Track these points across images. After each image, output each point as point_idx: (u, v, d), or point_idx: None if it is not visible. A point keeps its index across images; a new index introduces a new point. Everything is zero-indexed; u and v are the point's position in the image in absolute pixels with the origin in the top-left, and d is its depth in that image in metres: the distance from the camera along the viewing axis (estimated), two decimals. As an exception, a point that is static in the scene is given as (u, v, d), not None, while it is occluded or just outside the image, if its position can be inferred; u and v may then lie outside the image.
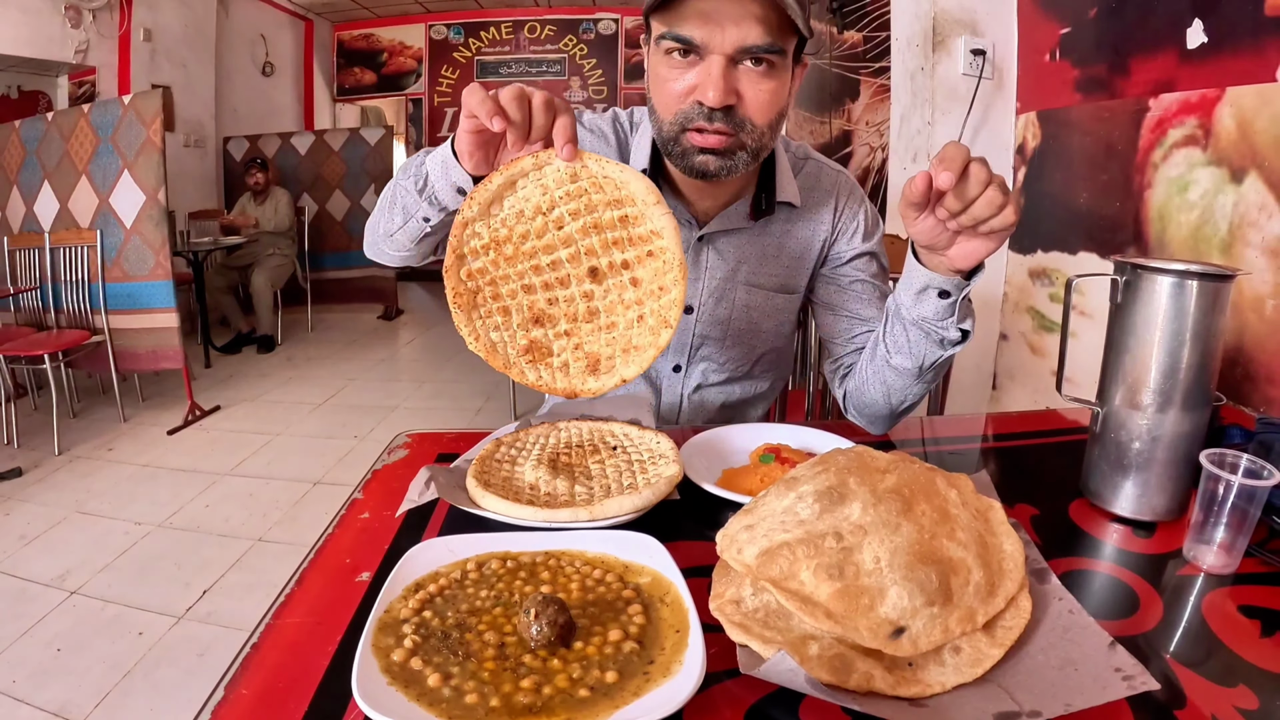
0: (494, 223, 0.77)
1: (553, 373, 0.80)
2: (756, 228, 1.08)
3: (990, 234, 0.76)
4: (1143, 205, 1.73)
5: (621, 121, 1.12)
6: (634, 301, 0.78)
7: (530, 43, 7.88)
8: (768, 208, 1.06)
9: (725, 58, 0.86)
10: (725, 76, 0.86)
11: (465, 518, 0.76)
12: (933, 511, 0.55)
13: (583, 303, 0.79)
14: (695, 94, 0.89)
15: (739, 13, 0.84)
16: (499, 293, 0.79)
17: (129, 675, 1.89)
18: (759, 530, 0.57)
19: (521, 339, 0.80)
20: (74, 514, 2.77)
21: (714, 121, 0.89)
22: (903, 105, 2.50)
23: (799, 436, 0.95)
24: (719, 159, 0.92)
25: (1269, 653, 0.58)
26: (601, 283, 0.78)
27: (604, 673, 0.53)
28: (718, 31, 0.84)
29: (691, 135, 0.91)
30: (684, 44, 0.86)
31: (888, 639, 0.48)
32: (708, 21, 0.84)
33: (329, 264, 6.22)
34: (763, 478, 0.83)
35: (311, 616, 0.63)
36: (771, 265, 1.11)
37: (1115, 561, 0.72)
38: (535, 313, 0.79)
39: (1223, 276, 0.75)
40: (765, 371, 1.20)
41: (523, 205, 0.77)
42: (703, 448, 0.92)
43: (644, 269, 0.77)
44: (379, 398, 4.24)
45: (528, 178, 0.76)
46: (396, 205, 0.95)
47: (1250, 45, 1.42)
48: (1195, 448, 0.76)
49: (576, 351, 0.80)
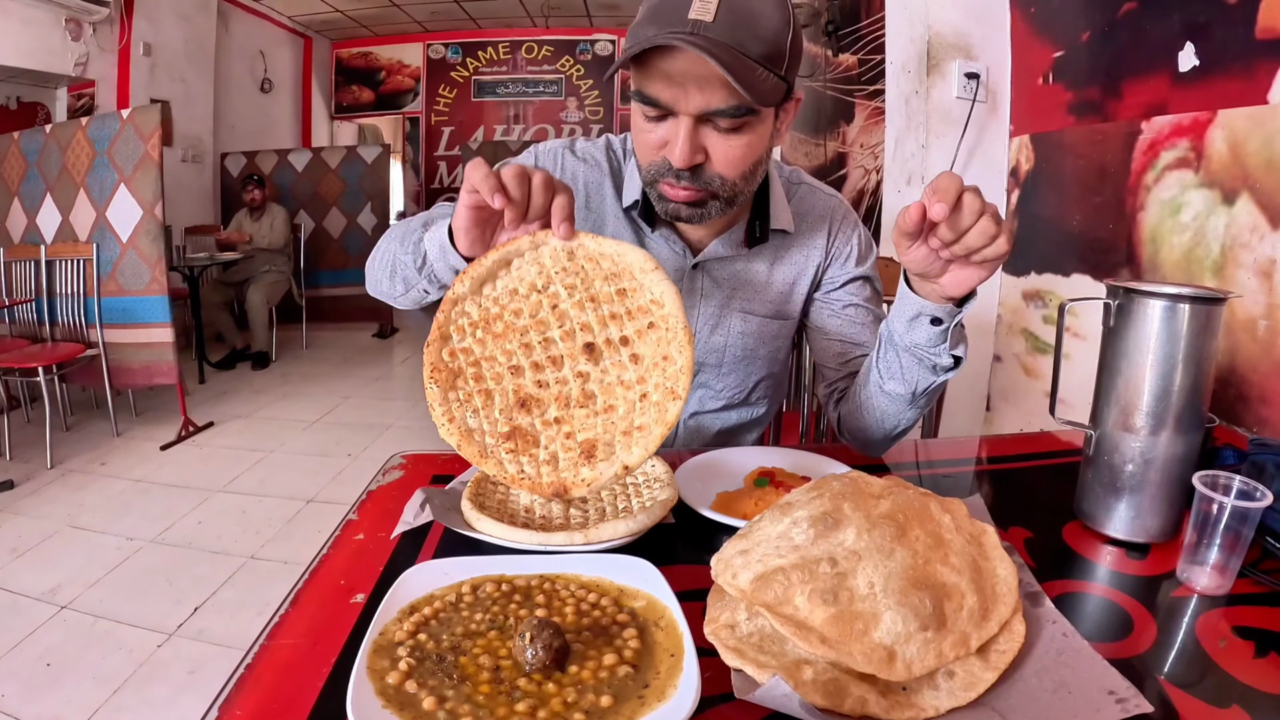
0: (485, 300, 0.75)
1: (537, 466, 0.71)
2: (750, 254, 1.09)
3: (983, 263, 0.77)
4: (1135, 227, 1.75)
5: (614, 148, 1.12)
6: (635, 381, 0.72)
7: (527, 63, 7.95)
8: (761, 235, 1.07)
9: (692, 119, 0.85)
10: (690, 138, 0.86)
11: (460, 540, 0.76)
12: (926, 537, 0.55)
13: (576, 384, 0.72)
14: (664, 150, 0.89)
15: (703, 74, 0.82)
16: (482, 374, 0.74)
17: (119, 691, 1.87)
18: (754, 555, 0.57)
19: (503, 425, 0.72)
20: (65, 528, 2.75)
21: (681, 180, 0.90)
22: (897, 129, 2.53)
23: (794, 460, 0.95)
24: (690, 208, 0.93)
25: (1262, 673, 0.58)
26: (598, 362, 0.73)
27: (599, 697, 0.52)
28: (682, 95, 0.84)
29: (664, 186, 0.92)
30: (652, 104, 0.86)
31: (882, 664, 0.48)
32: (672, 84, 0.84)
33: (325, 281, 6.24)
34: (757, 501, 0.83)
35: (306, 638, 0.63)
36: (766, 292, 1.11)
37: (1109, 584, 0.72)
38: (521, 396, 0.72)
39: (1214, 300, 0.75)
40: (761, 398, 1.20)
41: (516, 284, 0.76)
42: (698, 471, 0.92)
43: (645, 344, 0.72)
44: (373, 416, 4.23)
45: (523, 257, 0.76)
46: (397, 276, 0.96)
47: (1241, 68, 1.45)
48: (1188, 470, 0.77)
49: (568, 440, 0.71)
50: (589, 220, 1.09)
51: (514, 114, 8.06)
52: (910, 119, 2.44)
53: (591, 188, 1.10)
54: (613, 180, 1.10)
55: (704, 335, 1.11)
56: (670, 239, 1.06)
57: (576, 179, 1.10)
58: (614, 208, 1.08)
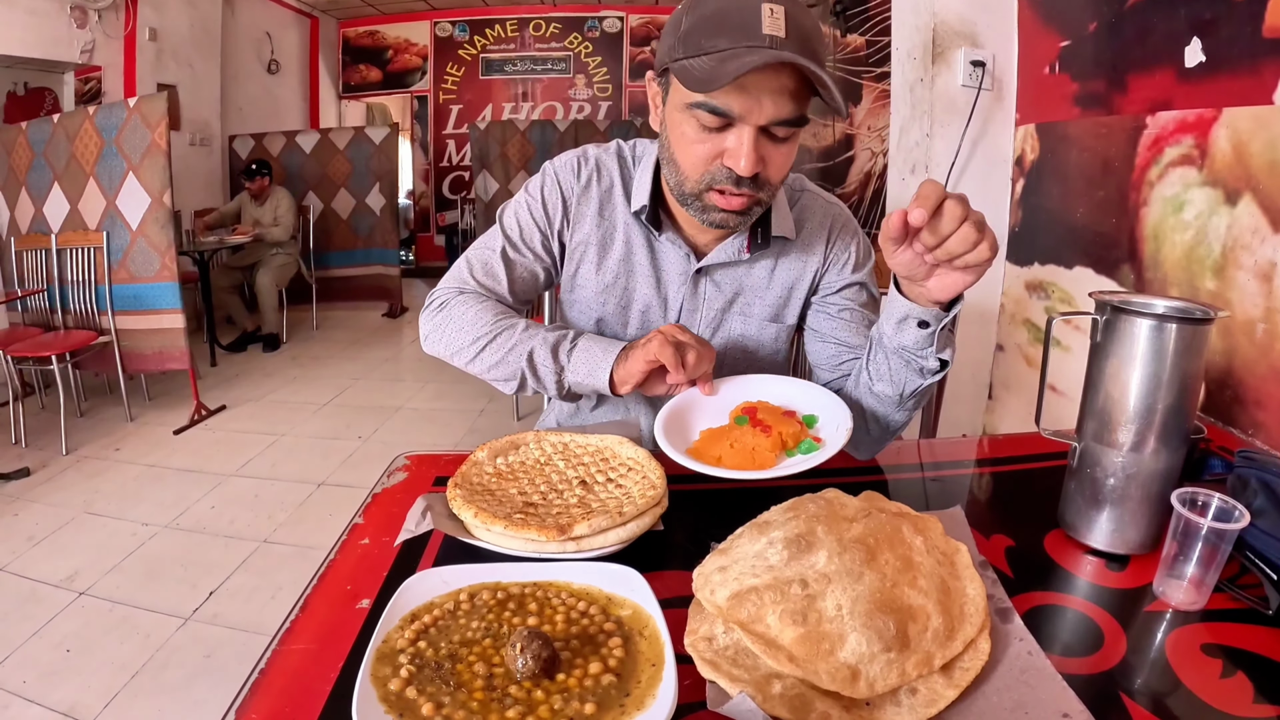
0: (499, 464, 0.93)
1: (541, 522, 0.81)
2: (752, 260, 1.11)
3: (966, 268, 0.79)
4: (1138, 223, 1.75)
5: (625, 154, 1.15)
6: (623, 496, 0.84)
7: (535, 40, 7.89)
8: (764, 241, 1.08)
9: (755, 128, 0.88)
10: (755, 147, 0.89)
11: (460, 544, 0.79)
12: (896, 560, 0.58)
13: (575, 496, 0.85)
14: (725, 159, 0.92)
15: (776, 86, 0.85)
16: (497, 499, 0.85)
17: (137, 676, 1.93)
18: (731, 573, 0.60)
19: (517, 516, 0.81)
20: (82, 514, 2.81)
21: (741, 186, 0.93)
22: (902, 117, 2.52)
23: (783, 392, 0.99)
24: (739, 216, 0.97)
25: (1226, 694, 0.59)
26: (591, 490, 0.86)
27: (583, 704, 0.56)
28: (755, 107, 0.86)
29: (714, 196, 0.95)
30: (721, 115, 0.88)
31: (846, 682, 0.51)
32: (746, 96, 0.86)
33: (334, 262, 6.27)
34: (732, 443, 0.86)
35: (315, 643, 0.67)
36: (765, 296, 1.13)
37: (1085, 596, 0.74)
38: (528, 501, 0.84)
39: (1202, 320, 0.76)
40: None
41: (524, 458, 0.94)
42: (681, 412, 0.96)
43: (628, 480, 0.88)
44: (383, 398, 4.28)
45: (528, 445, 0.96)
46: (508, 365, 1.03)
47: (1248, 66, 1.43)
48: (1170, 485, 0.78)
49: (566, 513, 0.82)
50: (600, 227, 1.13)
51: (522, 92, 8.01)
52: (915, 106, 2.43)
53: (604, 195, 1.13)
54: (623, 187, 1.13)
55: (705, 336, 1.13)
56: (677, 243, 1.09)
57: (592, 185, 1.13)
58: (624, 213, 1.12)
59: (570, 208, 1.13)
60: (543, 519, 0.78)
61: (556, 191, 1.13)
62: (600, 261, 1.14)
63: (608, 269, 1.13)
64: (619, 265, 1.13)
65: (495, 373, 1.05)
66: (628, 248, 1.12)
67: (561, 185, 1.13)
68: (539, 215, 1.13)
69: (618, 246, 1.13)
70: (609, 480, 0.88)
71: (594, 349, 0.99)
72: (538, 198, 1.13)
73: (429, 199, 8.28)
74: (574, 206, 1.13)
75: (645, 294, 1.13)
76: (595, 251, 1.13)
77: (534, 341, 1.01)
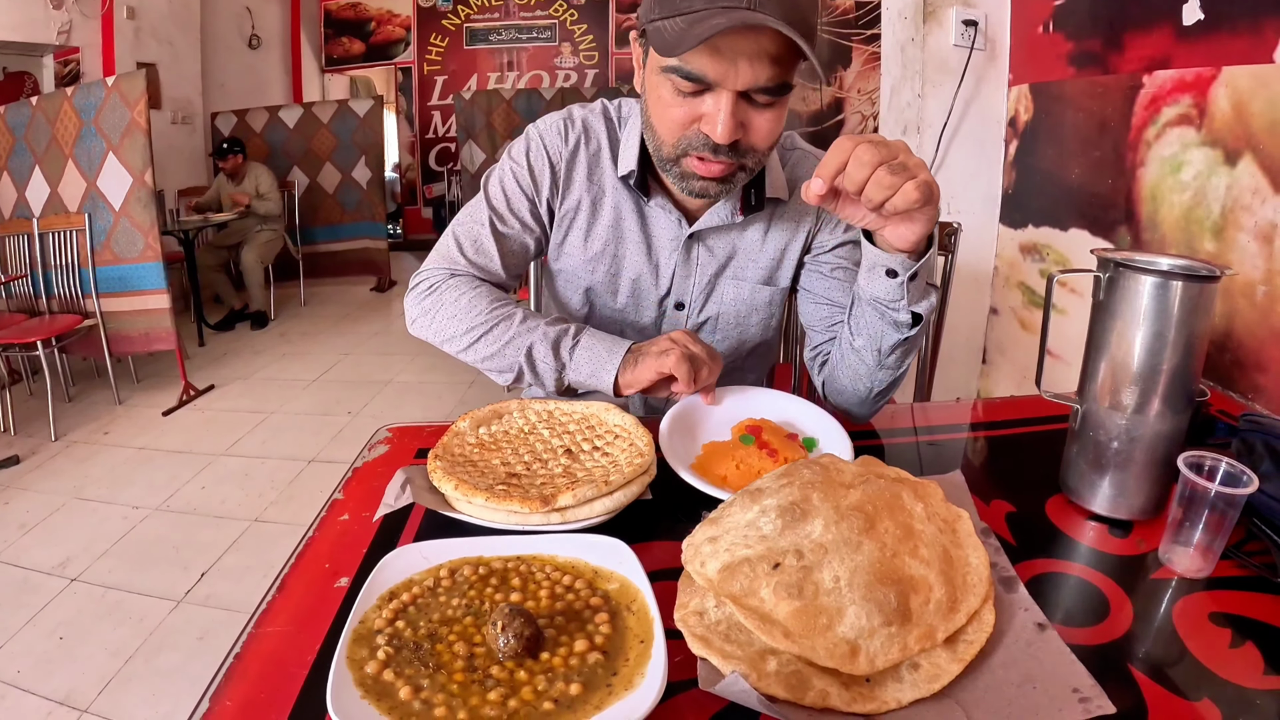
0: (482, 434, 0.89)
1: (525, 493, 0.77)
2: (745, 223, 1.08)
3: (905, 215, 0.76)
4: (1135, 184, 1.71)
5: (611, 115, 1.10)
6: (609, 465, 0.81)
7: (520, 9, 7.74)
8: (757, 204, 1.05)
9: (734, 94, 0.83)
10: (733, 113, 0.84)
11: (441, 518, 0.77)
12: (896, 528, 0.55)
13: (560, 466, 0.82)
14: (701, 125, 0.88)
15: (753, 50, 0.80)
16: (479, 470, 0.82)
17: (131, 661, 1.92)
18: (722, 544, 0.57)
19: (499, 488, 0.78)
20: (72, 500, 2.79)
21: (719, 154, 0.89)
22: (893, 77, 2.46)
23: (784, 409, 0.96)
24: (719, 184, 0.93)
25: (1235, 664, 0.57)
26: (577, 459, 0.83)
27: (568, 685, 0.53)
28: (731, 71, 0.82)
29: (693, 162, 0.91)
30: (696, 80, 0.84)
31: (845, 658, 0.48)
32: (721, 60, 0.81)
33: (321, 237, 6.20)
34: (739, 464, 0.83)
35: (291, 625, 0.64)
36: (759, 259, 1.11)
37: (1089, 563, 0.71)
38: (511, 472, 0.81)
39: (1209, 277, 0.73)
40: (754, 365, 1.21)
41: (507, 428, 0.91)
42: (687, 418, 0.93)
43: (614, 447, 0.85)
44: (373, 372, 4.25)
45: (512, 414, 0.93)
46: (504, 357, 1.01)
47: (1248, 24, 1.39)
48: (1175, 448, 0.75)
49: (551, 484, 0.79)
50: (590, 192, 1.09)
51: (507, 61, 7.87)
52: (906, 67, 2.38)
53: (591, 159, 1.09)
54: (610, 148, 1.08)
55: (699, 303, 1.12)
56: (667, 208, 1.06)
57: (580, 149, 1.09)
58: (612, 178, 1.08)
59: (559, 174, 1.09)
60: (526, 490, 0.76)
61: (543, 157, 1.08)
62: (589, 229, 1.10)
63: (596, 236, 1.10)
64: (608, 232, 1.09)
65: (490, 364, 1.02)
66: (616, 214, 1.08)
67: (549, 150, 1.08)
68: (526, 183, 1.08)
69: (606, 213, 1.09)
70: (595, 449, 0.85)
71: (598, 348, 0.96)
72: (523, 164, 1.09)
73: (415, 171, 8.17)
74: (563, 172, 1.08)
75: (635, 262, 1.10)
76: (584, 218, 1.10)
77: (533, 336, 0.98)
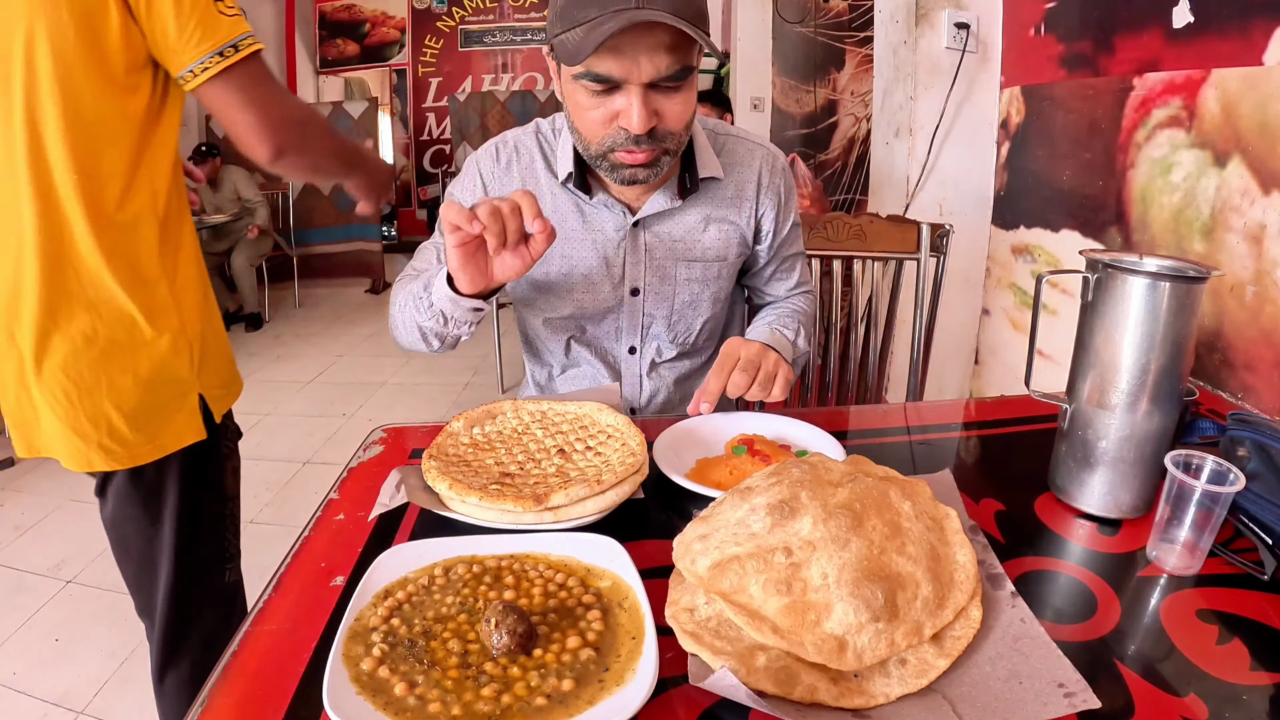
0: (476, 434, 0.91)
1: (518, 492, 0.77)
2: (685, 205, 1.14)
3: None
4: (1125, 185, 1.73)
5: (544, 132, 1.17)
6: (602, 464, 0.82)
7: (514, 11, 7.73)
8: (693, 186, 1.12)
9: (642, 86, 0.91)
10: (644, 105, 0.92)
11: (435, 517, 0.77)
12: (884, 526, 0.56)
13: (553, 465, 0.83)
14: (619, 121, 0.95)
15: (650, 44, 0.88)
16: (473, 470, 0.82)
17: (126, 663, 1.91)
18: (712, 541, 0.57)
19: (494, 487, 0.78)
20: (68, 502, 2.76)
21: (640, 144, 0.96)
22: (885, 79, 2.48)
23: (775, 426, 0.96)
24: (646, 169, 1.00)
25: (1222, 660, 0.57)
26: (570, 458, 0.84)
27: (561, 680, 0.54)
28: (634, 67, 0.89)
29: (620, 155, 0.98)
30: (604, 81, 0.91)
31: (832, 654, 0.49)
32: (623, 58, 0.89)
33: (315, 239, 6.17)
34: (732, 470, 0.84)
35: (288, 623, 0.64)
36: (704, 239, 1.17)
37: (1077, 561, 0.72)
38: (505, 471, 0.82)
39: (1196, 278, 0.74)
40: (709, 340, 1.27)
41: (501, 428, 0.92)
42: (679, 436, 0.94)
43: (607, 447, 0.86)
44: (367, 373, 4.24)
45: (505, 414, 0.94)
46: (431, 337, 1.05)
47: (1237, 27, 1.40)
48: (1163, 447, 0.76)
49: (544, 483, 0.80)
50: None
51: (502, 63, 7.87)
52: (898, 70, 2.39)
53: (525, 172, 1.16)
54: (545, 163, 1.15)
55: (654, 287, 1.17)
56: (609, 204, 1.12)
57: (512, 165, 1.16)
58: (550, 184, 1.14)
59: (489, 191, 1.16)
60: (519, 489, 0.76)
61: (477, 179, 1.17)
62: None
63: None
64: None
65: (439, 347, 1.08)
66: (557, 218, 1.14)
67: (482, 172, 1.17)
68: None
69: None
70: (588, 448, 0.86)
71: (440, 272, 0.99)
72: (459, 189, 1.18)
73: (410, 173, 8.16)
74: (495, 190, 1.16)
75: (584, 259, 1.15)
76: None
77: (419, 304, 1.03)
